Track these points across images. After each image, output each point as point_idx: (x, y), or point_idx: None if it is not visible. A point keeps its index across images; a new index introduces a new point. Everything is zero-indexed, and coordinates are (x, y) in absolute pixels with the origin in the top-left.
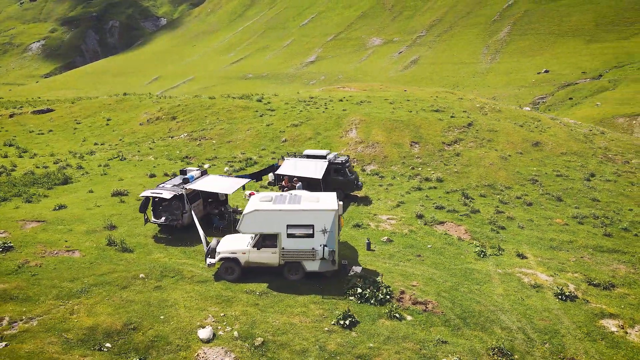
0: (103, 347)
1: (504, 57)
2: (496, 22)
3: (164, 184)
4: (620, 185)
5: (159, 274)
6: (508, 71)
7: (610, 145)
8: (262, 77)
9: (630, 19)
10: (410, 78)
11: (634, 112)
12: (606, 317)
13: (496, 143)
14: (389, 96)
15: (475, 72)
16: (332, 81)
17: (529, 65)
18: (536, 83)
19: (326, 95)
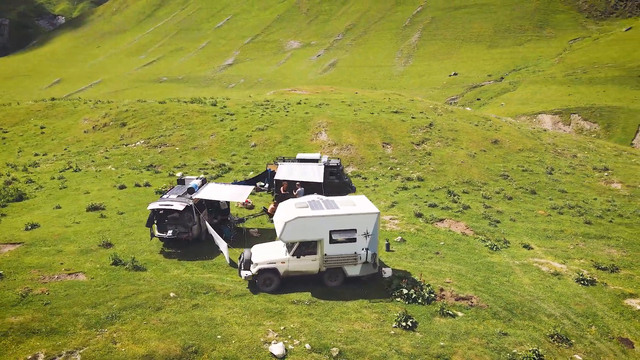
0: None
1: (416, 60)
2: (407, 27)
3: (166, 195)
4: (577, 177)
5: (190, 292)
6: (421, 74)
7: (556, 141)
8: (177, 80)
9: (523, 27)
10: (329, 80)
11: (534, 110)
12: (627, 297)
13: (460, 142)
14: (344, 99)
15: (391, 75)
16: (252, 84)
17: (440, 68)
18: (447, 85)
19: (281, 99)
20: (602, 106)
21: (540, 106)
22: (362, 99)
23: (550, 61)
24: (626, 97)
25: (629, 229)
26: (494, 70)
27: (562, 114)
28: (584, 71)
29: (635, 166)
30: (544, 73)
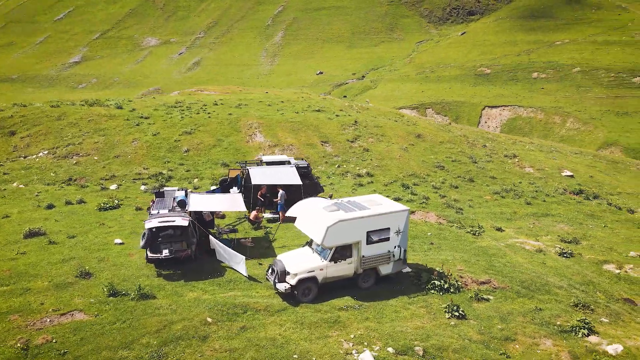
0: None
1: (282, 59)
2: (270, 27)
3: (153, 210)
4: (497, 164)
5: (226, 314)
6: (288, 72)
7: (465, 133)
8: (11, 80)
9: (377, 29)
10: (196, 80)
11: (395, 106)
12: (603, 263)
13: (389, 137)
14: (260, 98)
15: (259, 74)
16: (107, 84)
17: (305, 67)
18: (315, 83)
19: (193, 99)
20: (450, 101)
21: (400, 102)
22: (277, 98)
23: (402, 61)
24: (467, 92)
25: (561, 206)
26: (356, 69)
27: (418, 108)
28: (432, 70)
29: (532, 152)
30: (399, 72)
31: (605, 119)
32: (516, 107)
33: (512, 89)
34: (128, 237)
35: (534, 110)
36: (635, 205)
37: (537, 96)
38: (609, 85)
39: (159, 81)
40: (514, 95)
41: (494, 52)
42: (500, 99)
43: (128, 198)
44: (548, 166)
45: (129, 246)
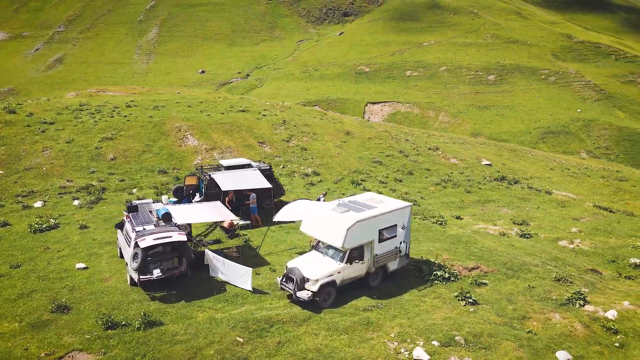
0: None
1: (159, 57)
2: (142, 22)
3: (140, 227)
4: (425, 157)
5: (253, 331)
6: (167, 71)
7: (387, 129)
8: None
9: (257, 28)
10: (60, 79)
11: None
12: (557, 240)
13: (321, 135)
14: (177, 99)
15: (134, 73)
16: None
17: (186, 66)
18: (198, 82)
19: (98, 101)
20: (335, 98)
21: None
22: (194, 98)
23: (286, 60)
24: (350, 90)
25: (495, 192)
26: (240, 68)
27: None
28: (315, 69)
29: (448, 144)
30: (283, 70)
31: (470, 113)
32: (395, 102)
33: (390, 86)
34: (90, 260)
35: (410, 105)
36: (549, 187)
37: (412, 92)
38: (470, 82)
39: (11, 80)
40: (392, 92)
41: (370, 51)
42: (380, 95)
43: (63, 216)
44: (467, 157)
45: (97, 270)
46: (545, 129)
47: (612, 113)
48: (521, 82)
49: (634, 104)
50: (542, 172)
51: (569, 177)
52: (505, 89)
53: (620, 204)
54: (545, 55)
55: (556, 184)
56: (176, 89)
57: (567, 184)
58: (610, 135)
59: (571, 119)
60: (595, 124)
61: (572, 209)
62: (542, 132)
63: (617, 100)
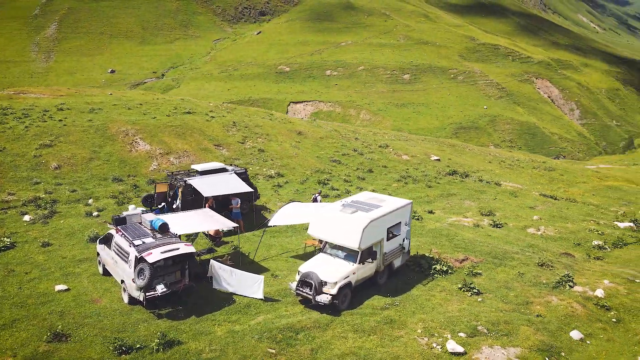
0: None
1: (60, 56)
2: (39, 17)
3: (139, 241)
4: (379, 154)
5: (280, 341)
6: (72, 71)
7: (335, 128)
8: None
9: (171, 25)
10: None
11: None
12: (525, 228)
13: (275, 136)
14: (111, 101)
15: (32, 72)
16: None
17: (93, 65)
18: (107, 83)
19: (23, 104)
20: (257, 98)
21: (209, 100)
22: (130, 100)
23: (203, 59)
24: (272, 90)
25: (453, 186)
26: (153, 67)
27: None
28: (234, 68)
29: (395, 141)
30: (201, 70)
31: (389, 110)
32: (317, 102)
33: (311, 85)
34: (69, 281)
35: (332, 104)
36: (495, 179)
37: (332, 92)
38: (387, 81)
39: None
40: (313, 91)
41: (290, 51)
42: (302, 95)
43: (16, 233)
44: (416, 153)
45: (81, 291)
46: (458, 125)
47: (513, 109)
48: (433, 81)
49: (530, 101)
50: (484, 165)
51: (507, 169)
52: (419, 88)
53: (559, 191)
54: (453, 55)
55: (500, 176)
56: (86, 89)
57: (508, 175)
58: (512, 129)
59: (479, 115)
60: (499, 119)
61: (524, 198)
62: (455, 128)
63: (516, 97)
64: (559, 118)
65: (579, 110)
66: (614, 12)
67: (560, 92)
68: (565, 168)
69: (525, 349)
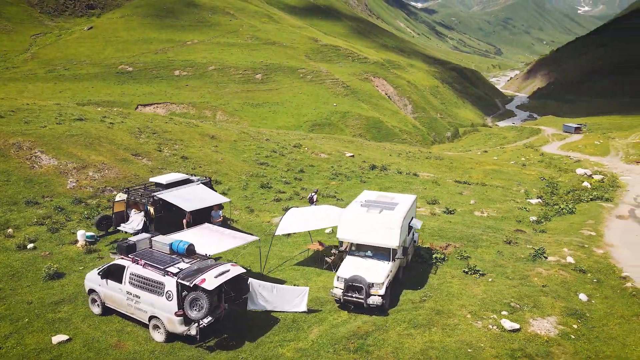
0: None
1: None
2: None
3: (173, 268)
4: (299, 154)
5: (355, 350)
6: None
7: (243, 130)
8: None
9: None
10: None
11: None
12: (472, 212)
13: (189, 142)
14: None
15: None
16: None
17: None
18: None
19: None
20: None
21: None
22: None
23: (22, 57)
24: (115, 92)
25: (382, 179)
26: None
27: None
28: (65, 68)
29: (303, 140)
30: (21, 69)
31: (246, 110)
32: (168, 104)
33: (160, 86)
34: (62, 329)
35: (185, 106)
36: (408, 170)
37: (184, 93)
38: (240, 81)
39: None
40: (163, 92)
41: (131, 49)
42: (150, 97)
43: None
44: (330, 150)
45: (89, 338)
46: (313, 122)
47: (359, 106)
48: (285, 81)
49: (372, 98)
50: (388, 158)
51: (408, 160)
52: (272, 87)
53: (465, 177)
54: (300, 56)
55: (409, 167)
56: None
57: (414, 166)
58: (361, 124)
59: (330, 112)
60: (349, 115)
61: (447, 186)
62: (310, 125)
63: (360, 95)
64: (397, 113)
65: (411, 106)
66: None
67: (395, 89)
68: (450, 157)
69: (559, 316)
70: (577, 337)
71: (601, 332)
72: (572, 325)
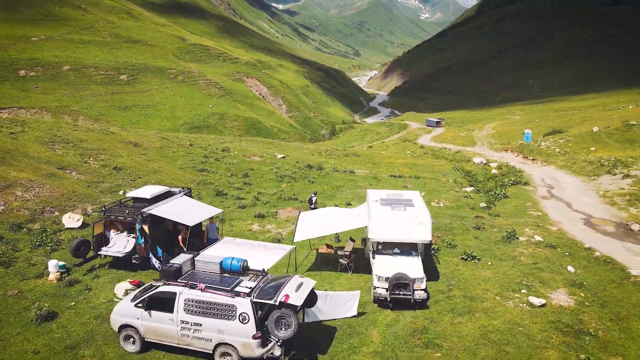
0: None
1: None
2: None
3: (243, 288)
4: (233, 159)
5: (427, 345)
6: None
7: (162, 136)
8: None
9: None
10: None
11: None
12: (430, 202)
13: (114, 150)
14: None
15: None
16: None
17: None
18: None
19: None
20: None
21: None
22: None
23: None
24: None
25: (327, 178)
26: None
27: None
28: None
29: (227, 143)
30: None
31: (113, 114)
32: (16, 108)
33: (3, 89)
34: None
35: (38, 110)
36: (343, 167)
37: (35, 96)
38: (102, 82)
39: None
40: (6, 96)
41: None
42: None
43: None
44: (261, 153)
45: None
46: (190, 125)
47: (235, 107)
48: (154, 82)
49: (247, 98)
50: (316, 158)
51: (331, 158)
52: (141, 89)
53: (395, 171)
54: (168, 55)
55: (340, 165)
56: None
57: (341, 163)
58: (240, 125)
59: (208, 114)
60: (227, 116)
61: (387, 180)
62: (188, 128)
63: (235, 95)
64: (273, 113)
65: (285, 105)
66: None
67: (269, 89)
68: (365, 153)
69: (564, 287)
70: (591, 304)
71: (606, 296)
72: (580, 294)
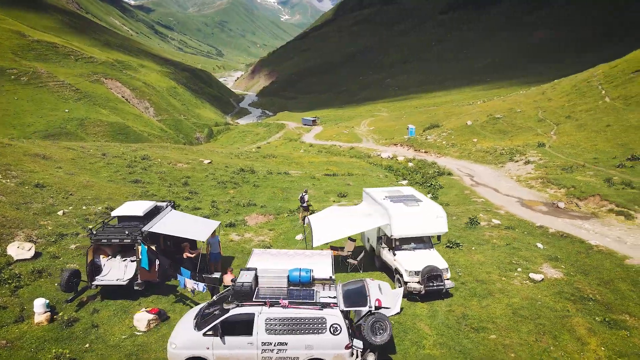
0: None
1: None
2: None
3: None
4: (163, 167)
5: (478, 329)
6: None
7: (68, 147)
8: None
9: None
10: None
11: None
12: None
13: (22, 165)
14: None
15: None
16: None
17: None
18: None
19: None
20: None
21: None
22: None
23: None
24: None
25: (271, 181)
26: None
27: None
28: None
29: (141, 151)
30: None
31: None
32: None
33: None
34: None
35: None
36: (276, 169)
37: None
38: None
39: None
40: None
41: None
42: None
43: None
44: (186, 159)
45: None
46: (44, 133)
47: (97, 111)
48: None
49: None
50: (237, 161)
51: (251, 160)
52: None
53: (323, 170)
54: (6, 54)
55: (271, 167)
56: None
57: (269, 166)
58: (105, 130)
59: (64, 120)
60: (88, 121)
61: (326, 180)
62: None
63: (94, 98)
64: (139, 116)
65: (153, 108)
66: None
67: (132, 91)
68: (279, 154)
69: (547, 262)
70: (575, 273)
71: (583, 266)
72: (561, 266)
